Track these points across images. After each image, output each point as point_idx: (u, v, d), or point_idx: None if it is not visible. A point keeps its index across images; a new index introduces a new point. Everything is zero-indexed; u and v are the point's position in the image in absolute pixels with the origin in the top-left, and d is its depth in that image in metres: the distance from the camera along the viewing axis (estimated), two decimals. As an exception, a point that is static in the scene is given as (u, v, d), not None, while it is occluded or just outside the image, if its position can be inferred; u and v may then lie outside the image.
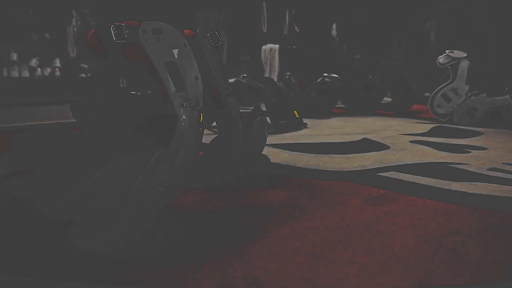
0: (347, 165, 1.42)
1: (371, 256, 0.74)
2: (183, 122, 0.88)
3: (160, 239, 0.81)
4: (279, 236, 0.83)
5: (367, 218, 0.93)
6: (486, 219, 0.94)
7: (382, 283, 0.66)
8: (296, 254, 0.75)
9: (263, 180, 1.23)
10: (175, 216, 0.94)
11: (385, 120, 2.71)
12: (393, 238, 0.83)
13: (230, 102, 1.08)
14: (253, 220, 0.92)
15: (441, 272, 0.69)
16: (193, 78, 0.95)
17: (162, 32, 0.91)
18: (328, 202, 1.04)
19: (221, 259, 0.73)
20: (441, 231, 0.87)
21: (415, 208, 1.00)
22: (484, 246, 0.80)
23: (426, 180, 1.25)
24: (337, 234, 0.84)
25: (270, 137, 1.97)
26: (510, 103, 2.38)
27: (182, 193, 1.09)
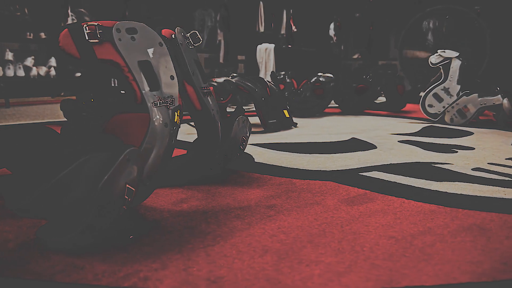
0: (330, 165, 1.42)
1: (338, 256, 0.74)
2: (156, 121, 0.88)
3: (131, 238, 0.81)
4: (249, 235, 0.83)
5: (341, 218, 0.93)
6: (462, 219, 0.94)
7: (345, 283, 0.66)
8: (264, 254, 0.75)
9: (242, 179, 1.24)
10: (148, 215, 0.94)
11: (377, 120, 2.71)
12: (364, 238, 0.82)
13: (209, 102, 1.08)
14: (226, 219, 0.92)
15: (407, 272, 0.69)
16: (168, 78, 0.94)
17: (137, 32, 0.91)
18: (305, 201, 1.04)
19: (188, 258, 0.73)
20: (413, 231, 0.86)
21: (391, 208, 1.00)
22: (455, 246, 0.80)
23: (407, 180, 1.25)
24: (308, 234, 0.84)
25: (257, 136, 1.98)
26: (501, 102, 2.37)
27: (160, 192, 1.09)
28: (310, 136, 2.02)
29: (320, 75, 3.15)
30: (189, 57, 1.06)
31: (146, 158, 0.87)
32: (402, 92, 3.06)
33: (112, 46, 0.86)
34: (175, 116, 0.93)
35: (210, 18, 5.52)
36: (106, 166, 0.73)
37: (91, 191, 0.71)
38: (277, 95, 2.22)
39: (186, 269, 0.70)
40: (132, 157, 0.77)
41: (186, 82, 1.04)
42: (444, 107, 2.45)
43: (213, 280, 0.66)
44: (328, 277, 0.67)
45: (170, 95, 0.93)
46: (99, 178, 0.71)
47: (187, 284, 0.65)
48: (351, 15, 6.44)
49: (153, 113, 0.88)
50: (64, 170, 0.72)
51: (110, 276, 0.67)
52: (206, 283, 0.65)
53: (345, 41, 6.48)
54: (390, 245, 0.79)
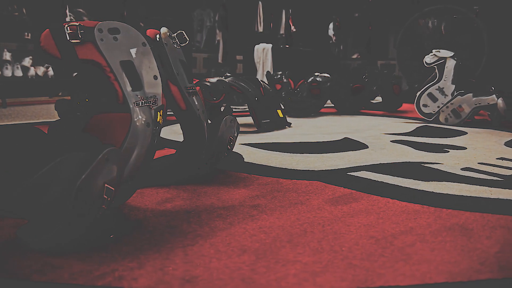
0: (319, 165, 1.42)
1: (316, 256, 0.74)
2: (137, 121, 0.89)
3: (111, 237, 0.82)
4: (230, 235, 0.83)
5: (324, 218, 0.93)
6: (445, 219, 0.94)
7: (320, 282, 0.66)
8: (242, 253, 0.75)
9: (229, 179, 1.24)
10: (131, 215, 0.95)
11: (372, 119, 2.71)
12: (344, 238, 0.82)
13: (194, 101, 1.08)
14: (208, 219, 0.92)
15: (383, 272, 0.69)
16: (151, 77, 0.95)
17: (120, 32, 0.91)
18: (289, 201, 1.04)
19: (166, 257, 0.73)
20: (395, 231, 0.86)
21: (375, 208, 1.00)
22: (434, 246, 0.80)
23: (395, 179, 1.25)
24: (288, 234, 0.84)
25: (250, 136, 1.98)
26: (496, 102, 2.36)
27: (145, 192, 1.09)
28: (303, 136, 2.02)
29: (317, 75, 3.15)
30: (174, 57, 1.06)
31: (127, 158, 0.87)
32: (398, 92, 3.06)
33: (94, 46, 0.87)
34: (157, 116, 0.93)
35: (208, 18, 5.52)
36: (84, 165, 0.73)
37: (69, 191, 0.71)
38: (271, 95, 2.22)
39: (162, 268, 0.70)
40: (111, 157, 0.77)
41: (170, 82, 1.04)
42: (439, 107, 2.45)
43: (187, 280, 0.66)
44: (303, 277, 0.67)
45: (153, 95, 0.93)
46: (77, 178, 0.72)
47: (162, 283, 0.65)
48: (350, 15, 6.43)
49: (135, 113, 0.88)
50: (41, 170, 0.72)
51: (86, 275, 0.67)
52: (181, 282, 0.66)
53: (344, 41, 6.47)
54: (370, 245, 0.79)
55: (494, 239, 0.83)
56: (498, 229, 0.89)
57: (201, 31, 5.55)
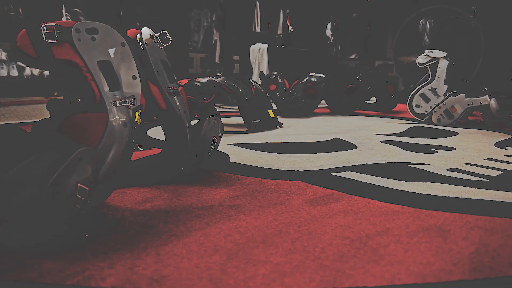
0: (305, 165, 1.42)
1: (288, 256, 0.74)
2: (114, 121, 0.89)
3: (86, 237, 0.82)
4: (204, 235, 0.83)
5: (301, 218, 0.93)
6: (423, 219, 0.94)
7: (288, 283, 0.65)
8: (214, 253, 0.75)
9: (212, 179, 1.24)
10: (110, 214, 0.95)
11: (364, 120, 2.70)
12: (319, 238, 0.82)
13: (175, 101, 1.08)
14: (186, 219, 0.92)
15: (353, 273, 0.69)
16: (130, 78, 0.95)
17: (98, 32, 0.91)
18: (269, 201, 1.04)
19: (138, 257, 0.73)
20: (371, 232, 0.86)
21: (354, 208, 1.00)
22: (409, 247, 0.79)
23: (379, 180, 1.24)
24: (263, 234, 0.84)
25: (240, 136, 1.98)
26: (489, 103, 2.36)
27: (126, 192, 1.09)
28: (293, 136, 2.02)
29: (312, 75, 3.15)
30: (155, 57, 1.06)
31: (103, 158, 0.87)
32: (392, 92, 3.05)
33: (71, 46, 0.86)
34: (136, 115, 0.93)
35: (206, 18, 5.52)
36: (56, 165, 0.73)
37: (40, 190, 0.71)
38: (262, 95, 2.22)
39: (132, 268, 0.70)
40: (84, 156, 0.77)
41: (150, 82, 1.04)
42: (431, 107, 2.44)
43: (156, 279, 0.66)
44: (272, 277, 0.67)
45: (131, 95, 0.93)
46: (48, 177, 0.72)
47: (129, 283, 0.65)
48: (348, 15, 6.43)
49: (111, 113, 0.88)
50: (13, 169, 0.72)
51: (55, 274, 0.67)
52: (148, 281, 0.66)
53: (342, 41, 6.46)
54: (343, 245, 0.79)
55: (470, 240, 0.83)
56: (475, 230, 0.89)
57: (198, 31, 5.55)
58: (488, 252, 0.78)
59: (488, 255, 0.77)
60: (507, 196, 1.12)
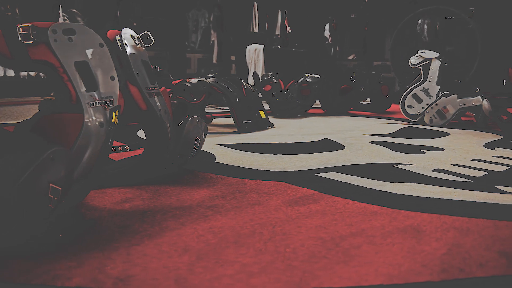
0: (290, 165, 1.42)
1: (257, 257, 0.74)
2: (90, 121, 0.89)
3: (60, 237, 0.82)
4: (178, 235, 0.83)
5: (277, 219, 0.93)
6: (400, 220, 0.94)
7: (253, 283, 0.65)
8: (184, 253, 0.75)
9: (195, 179, 1.24)
10: (87, 214, 0.95)
11: (357, 120, 2.70)
12: (292, 239, 0.82)
13: (155, 102, 1.09)
14: (162, 219, 0.92)
15: (320, 274, 0.69)
16: (108, 78, 0.95)
17: (75, 33, 0.92)
18: (248, 202, 1.04)
19: (108, 257, 0.74)
20: (345, 232, 0.86)
21: (333, 209, 1.00)
22: (381, 248, 0.79)
23: (362, 180, 1.24)
24: (237, 234, 0.84)
25: (229, 137, 1.98)
26: (481, 103, 2.35)
27: (107, 192, 1.09)
28: (282, 137, 2.02)
29: (307, 75, 3.15)
30: (135, 58, 1.07)
31: (79, 158, 0.87)
32: (386, 93, 3.05)
33: (47, 47, 0.87)
34: (113, 116, 0.94)
35: (203, 18, 5.54)
36: (27, 165, 0.74)
37: (10, 190, 0.72)
38: (253, 95, 2.22)
39: (100, 267, 0.70)
40: (57, 157, 0.78)
41: (129, 82, 1.04)
42: (424, 108, 2.44)
43: (122, 279, 0.66)
44: (238, 278, 0.67)
45: (109, 96, 0.94)
46: (19, 177, 0.72)
47: (95, 282, 0.65)
48: (347, 15, 6.42)
49: (87, 113, 0.88)
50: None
51: (22, 274, 0.68)
52: (114, 281, 0.66)
53: (340, 41, 6.46)
54: (315, 246, 0.79)
55: (444, 241, 0.83)
56: (451, 231, 0.88)
57: (196, 31, 5.56)
58: (460, 253, 0.78)
59: (459, 256, 0.77)
60: (488, 197, 1.11)
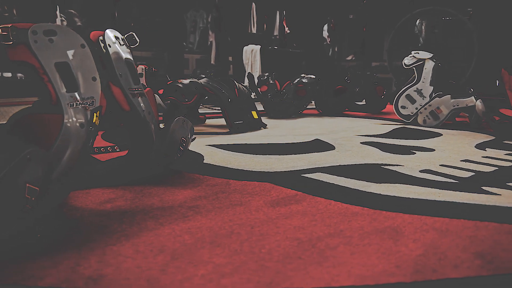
0: (277, 166, 1.42)
1: (232, 257, 0.74)
2: (70, 122, 0.89)
3: (38, 237, 0.82)
4: (155, 235, 0.84)
5: (256, 219, 0.93)
6: (380, 221, 0.94)
7: (224, 284, 0.66)
8: (159, 254, 0.75)
9: (181, 179, 1.24)
10: (69, 214, 0.95)
11: (351, 121, 2.70)
12: (269, 239, 0.82)
13: (139, 103, 1.09)
14: (142, 219, 0.92)
15: (293, 275, 0.69)
16: (89, 79, 0.95)
17: (56, 34, 0.92)
18: (230, 202, 1.04)
19: (83, 256, 0.74)
20: (323, 233, 0.86)
21: (314, 209, 1.00)
22: (357, 249, 0.79)
23: (347, 181, 1.24)
24: (214, 235, 0.84)
25: (220, 137, 1.99)
26: (474, 104, 2.35)
27: (91, 192, 1.10)
28: (274, 138, 2.02)
29: (303, 76, 3.15)
30: (118, 59, 1.07)
31: (58, 158, 0.88)
32: (381, 94, 3.04)
33: (27, 48, 0.87)
34: (94, 116, 0.94)
35: (202, 19, 5.55)
36: (3, 165, 0.74)
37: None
38: (245, 96, 2.22)
39: (74, 267, 0.70)
40: (34, 157, 0.78)
41: (112, 83, 1.05)
42: (417, 109, 2.43)
43: (94, 279, 0.67)
44: (210, 278, 0.67)
45: (90, 96, 0.94)
46: (-5, 177, 0.72)
47: (67, 282, 0.66)
48: (345, 16, 6.42)
49: (67, 114, 0.89)
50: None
51: (-3, 274, 0.68)
52: (86, 281, 0.66)
53: (339, 42, 6.46)
54: (291, 247, 0.79)
55: (421, 242, 0.83)
56: (430, 232, 0.88)
57: (194, 32, 5.57)
58: (436, 254, 0.78)
59: (435, 257, 0.77)
60: (472, 197, 1.11)
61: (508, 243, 0.84)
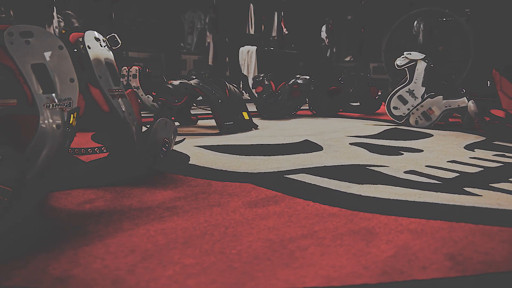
0: (262, 167, 1.42)
1: (201, 258, 0.75)
2: (46, 123, 0.90)
3: (12, 237, 0.83)
4: (129, 236, 0.84)
5: (232, 220, 0.93)
6: (356, 222, 0.94)
7: (189, 284, 0.66)
8: (130, 254, 0.76)
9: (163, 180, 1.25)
10: (46, 215, 0.96)
11: (344, 122, 2.70)
12: (241, 240, 0.83)
13: (119, 104, 1.10)
14: (118, 220, 0.93)
15: (259, 276, 0.69)
16: (67, 80, 0.96)
17: (33, 35, 0.93)
18: (208, 203, 1.04)
19: (54, 257, 0.74)
20: (297, 234, 0.86)
21: (291, 210, 1.00)
22: (328, 250, 0.79)
23: (329, 182, 1.24)
24: (188, 235, 0.84)
25: (209, 138, 1.99)
26: (467, 105, 2.34)
27: (72, 193, 1.10)
28: (263, 138, 2.02)
29: (298, 77, 3.16)
30: (98, 60, 1.08)
31: (34, 159, 0.88)
32: (375, 94, 3.04)
33: (3, 49, 0.88)
34: (71, 118, 0.95)
35: (199, 20, 5.56)
36: (-25, 166, 0.75)
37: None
38: (236, 97, 2.23)
39: (44, 268, 0.71)
40: (6, 158, 0.79)
41: (90, 84, 1.05)
42: (409, 109, 2.43)
43: (61, 279, 0.67)
44: (176, 279, 0.68)
45: (67, 98, 0.95)
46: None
47: (34, 282, 0.66)
48: (343, 17, 6.42)
49: (43, 115, 0.89)
50: None
51: (-35, 274, 0.69)
52: (53, 281, 0.67)
53: (337, 43, 6.46)
54: (262, 248, 0.80)
55: (394, 244, 0.83)
56: (404, 233, 0.88)
57: (192, 33, 5.58)
58: (406, 255, 0.78)
59: (405, 258, 0.77)
60: (452, 198, 1.11)
61: (482, 244, 0.84)
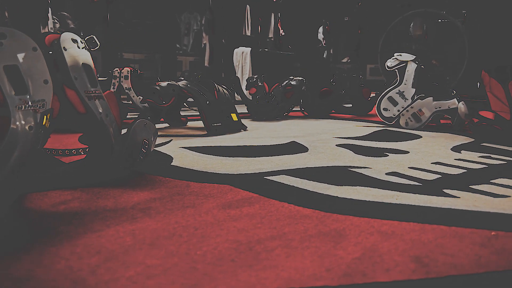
0: (243, 168, 1.42)
1: (165, 259, 0.75)
2: (18, 125, 0.90)
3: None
4: (99, 237, 0.84)
5: (202, 222, 0.93)
6: (327, 224, 0.94)
7: (148, 285, 0.66)
8: (95, 255, 0.76)
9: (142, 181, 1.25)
10: (19, 216, 0.96)
11: (335, 123, 2.70)
12: (208, 242, 0.83)
13: (95, 105, 1.10)
14: (89, 221, 0.93)
15: (220, 277, 0.69)
16: (41, 82, 0.97)
17: (6, 37, 0.94)
18: (182, 204, 1.05)
19: (18, 258, 0.75)
20: (266, 235, 0.86)
21: (265, 212, 1.00)
22: (294, 252, 0.79)
23: (308, 183, 1.24)
24: (155, 237, 0.85)
25: (196, 140, 2.00)
26: (457, 106, 2.34)
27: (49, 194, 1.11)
28: (251, 140, 2.02)
29: (291, 78, 3.16)
30: (74, 62, 1.08)
31: (5, 160, 0.89)
32: (367, 96, 3.04)
33: (-24, 51, 0.89)
34: (44, 119, 0.95)
35: (196, 21, 5.57)
36: None
37: None
38: (225, 98, 2.23)
39: (8, 268, 0.71)
40: (-26, 159, 0.79)
41: (66, 86, 1.06)
42: (399, 111, 2.43)
43: (23, 280, 0.67)
44: (136, 279, 0.68)
45: (41, 99, 0.95)
46: None
47: (-6, 284, 0.67)
48: (340, 18, 6.42)
49: (15, 117, 0.90)
50: None
51: None
52: (14, 282, 0.67)
53: (334, 44, 6.46)
54: (228, 249, 0.80)
55: (361, 246, 0.83)
56: (374, 235, 0.88)
57: (188, 34, 5.60)
58: (372, 257, 0.78)
59: (371, 260, 0.77)
60: (429, 200, 1.11)
61: (450, 246, 0.84)
